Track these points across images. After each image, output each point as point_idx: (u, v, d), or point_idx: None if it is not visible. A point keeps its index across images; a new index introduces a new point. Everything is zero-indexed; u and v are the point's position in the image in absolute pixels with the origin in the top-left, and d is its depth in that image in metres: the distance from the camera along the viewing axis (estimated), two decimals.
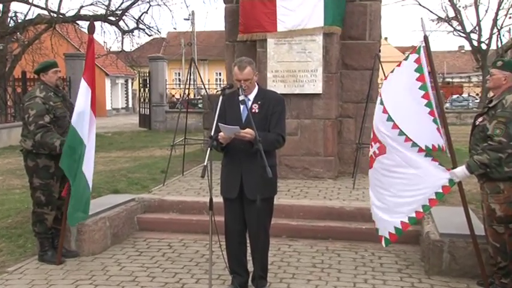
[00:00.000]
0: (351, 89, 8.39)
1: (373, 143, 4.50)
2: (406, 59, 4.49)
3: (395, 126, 4.31)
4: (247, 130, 3.87)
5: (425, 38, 4.36)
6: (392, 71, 4.55)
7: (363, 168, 8.29)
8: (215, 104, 4.02)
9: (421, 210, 4.34)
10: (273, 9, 7.86)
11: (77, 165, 4.76)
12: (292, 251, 5.51)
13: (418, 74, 4.32)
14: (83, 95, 4.80)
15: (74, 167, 4.76)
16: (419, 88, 4.29)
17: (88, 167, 4.84)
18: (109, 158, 11.85)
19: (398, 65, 4.52)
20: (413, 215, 4.36)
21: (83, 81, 4.83)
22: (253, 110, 4.03)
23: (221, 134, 3.90)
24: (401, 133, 4.30)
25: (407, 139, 4.29)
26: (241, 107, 4.04)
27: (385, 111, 4.39)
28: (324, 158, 8.04)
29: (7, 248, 5.48)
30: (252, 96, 4.11)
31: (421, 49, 4.35)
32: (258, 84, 4.19)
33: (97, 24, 17.57)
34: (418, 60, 4.33)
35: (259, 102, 4.08)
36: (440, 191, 4.29)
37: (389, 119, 4.35)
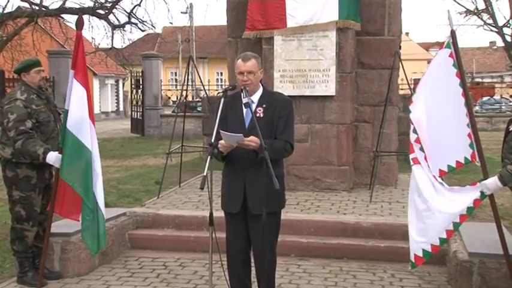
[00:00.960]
0: (367, 91, 8.41)
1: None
2: (436, 56, 4.45)
3: (417, 140, 4.27)
4: (251, 138, 3.87)
5: (453, 33, 4.36)
6: (423, 77, 4.44)
7: (381, 179, 8.30)
8: (216, 107, 4.03)
9: (452, 229, 4.29)
10: (282, 2, 7.90)
11: (86, 177, 4.75)
12: (302, 272, 5.51)
13: (455, 70, 4.31)
14: (78, 99, 4.79)
15: (84, 179, 4.76)
16: (459, 85, 4.28)
17: (98, 187, 4.85)
18: None
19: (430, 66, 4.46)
20: (444, 235, 4.29)
21: (76, 83, 4.80)
22: (258, 114, 4.03)
23: (222, 141, 3.91)
24: (422, 149, 4.27)
25: (426, 158, 4.26)
26: (245, 110, 4.05)
27: (412, 121, 4.35)
28: (337, 168, 8.05)
29: None
30: (256, 99, 4.12)
31: (451, 44, 4.34)
32: (262, 85, 4.21)
33: (84, 18, 17.65)
34: (452, 55, 4.32)
35: (264, 106, 4.09)
36: (472, 205, 4.26)
37: (414, 131, 4.32)
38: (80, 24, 4.87)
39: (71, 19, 35.11)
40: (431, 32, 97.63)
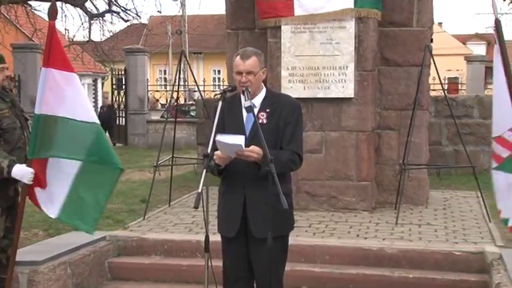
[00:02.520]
0: (392, 92, 8.44)
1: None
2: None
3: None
4: (253, 148, 3.89)
5: (497, 22, 4.45)
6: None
7: (408, 197, 8.31)
8: (212, 111, 4.06)
9: None
10: None
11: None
12: None
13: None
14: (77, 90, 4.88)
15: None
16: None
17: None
18: None
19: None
20: None
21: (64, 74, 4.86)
22: (261, 120, 4.04)
23: (218, 152, 3.92)
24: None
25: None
26: (245, 115, 4.08)
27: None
28: (356, 184, 8.07)
29: None
30: (258, 102, 4.13)
31: (495, 35, 4.49)
32: (266, 86, 4.23)
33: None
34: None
35: (267, 110, 4.11)
36: None
37: None
38: (53, 13, 4.91)
39: (40, 7, 35.41)
40: (469, 22, 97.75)
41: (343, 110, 8.05)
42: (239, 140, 3.84)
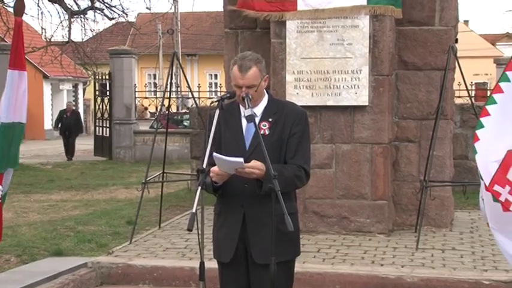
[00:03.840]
0: (412, 99, 8.46)
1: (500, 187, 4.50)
2: None
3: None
4: (254, 164, 3.89)
5: None
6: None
7: (430, 219, 8.30)
8: (208, 121, 4.07)
9: None
10: None
11: None
12: None
13: None
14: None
15: None
16: None
17: None
18: (48, 203, 11.94)
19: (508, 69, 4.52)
20: None
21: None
22: (262, 131, 4.06)
23: (215, 168, 3.93)
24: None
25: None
26: (245, 125, 4.10)
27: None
28: (371, 203, 8.07)
29: None
30: (259, 110, 4.14)
31: None
32: (268, 92, 4.25)
33: (31, 1, 17.74)
34: None
35: (270, 120, 4.12)
36: None
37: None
38: (19, 8, 4.94)
39: (12, 3, 35.53)
40: (498, 20, 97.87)
41: (356, 119, 8.07)
42: (238, 160, 3.86)
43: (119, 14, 21.15)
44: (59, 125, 23.03)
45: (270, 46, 8.21)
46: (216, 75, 46.16)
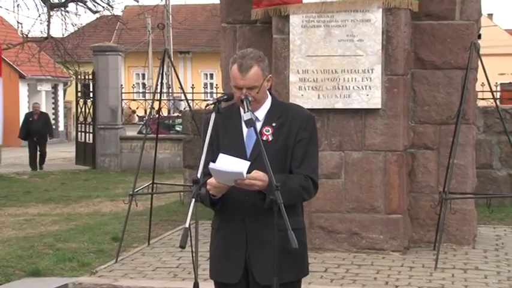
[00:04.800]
0: (430, 102, 8.46)
1: None
2: None
3: None
4: (256, 175, 3.88)
5: None
6: None
7: (451, 234, 8.30)
8: (204, 126, 4.08)
9: None
10: None
11: None
12: None
13: None
14: None
15: None
16: None
17: None
18: (25, 217, 11.92)
19: None
20: None
21: None
22: (265, 137, 4.07)
23: (212, 180, 3.92)
24: None
25: None
26: (245, 131, 4.10)
27: None
28: (385, 217, 8.06)
29: None
30: (261, 114, 4.15)
31: None
32: (271, 93, 4.26)
33: None
34: None
35: (273, 124, 4.12)
36: None
37: None
38: None
39: None
40: None
41: (368, 124, 8.08)
42: (241, 166, 3.84)
43: (103, 7, 21.23)
44: (25, 130, 22.14)
45: (271, 42, 8.23)
46: (211, 75, 46.21)
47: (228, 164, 3.85)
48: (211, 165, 3.85)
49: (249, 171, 3.88)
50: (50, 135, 22.59)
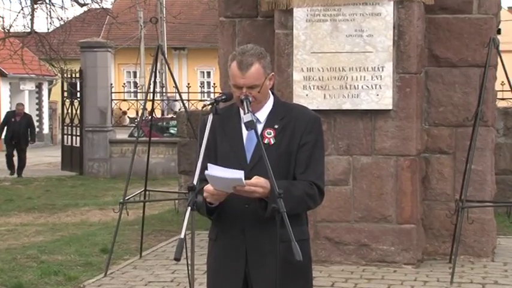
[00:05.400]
0: (445, 102, 8.45)
1: None
2: None
3: None
4: (257, 181, 3.88)
5: None
6: None
7: (468, 246, 8.28)
8: (200, 128, 4.07)
9: None
10: None
11: None
12: None
13: None
14: None
15: None
16: None
17: None
18: (6, 227, 11.91)
19: None
20: None
21: None
22: (266, 140, 4.07)
23: (209, 186, 3.92)
24: None
25: None
26: (245, 134, 4.09)
27: None
28: (396, 227, 8.05)
29: None
30: (263, 115, 4.15)
31: None
32: (274, 93, 4.25)
33: None
34: None
35: (276, 126, 4.12)
36: None
37: None
38: None
39: None
40: None
41: (378, 126, 8.06)
42: (237, 174, 3.84)
43: (92, 0, 21.19)
44: (5, 131, 21.88)
45: (273, 38, 8.22)
46: (208, 73, 46.24)
47: (222, 171, 3.83)
48: (208, 171, 3.84)
49: (249, 177, 3.87)
50: (32, 140, 22.49)
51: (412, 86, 8.07)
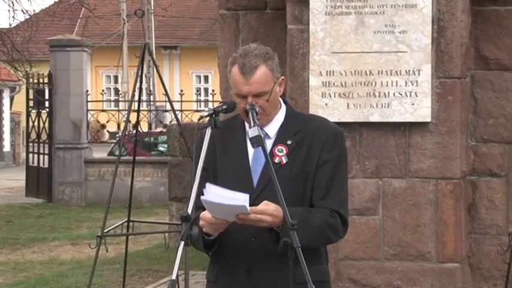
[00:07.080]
0: (496, 113, 8.47)
1: None
2: None
3: None
4: (264, 207, 3.91)
5: None
6: None
7: None
8: (196, 145, 4.10)
9: None
10: None
11: None
12: None
13: None
14: None
15: None
16: None
17: None
18: None
19: None
20: None
21: None
22: (277, 159, 4.11)
23: (206, 214, 3.95)
24: None
25: None
26: (251, 152, 4.13)
27: None
28: (437, 266, 8.06)
29: None
30: (273, 129, 4.20)
31: None
32: (286, 102, 4.28)
33: None
34: None
35: (289, 142, 4.16)
36: None
37: None
38: None
39: None
40: None
41: (414, 142, 8.08)
42: (240, 198, 3.86)
43: None
44: None
45: (285, 35, 8.26)
46: (206, 78, 46.44)
47: (221, 195, 3.85)
48: (205, 196, 3.86)
49: (256, 203, 3.88)
50: None
51: (456, 93, 8.09)
